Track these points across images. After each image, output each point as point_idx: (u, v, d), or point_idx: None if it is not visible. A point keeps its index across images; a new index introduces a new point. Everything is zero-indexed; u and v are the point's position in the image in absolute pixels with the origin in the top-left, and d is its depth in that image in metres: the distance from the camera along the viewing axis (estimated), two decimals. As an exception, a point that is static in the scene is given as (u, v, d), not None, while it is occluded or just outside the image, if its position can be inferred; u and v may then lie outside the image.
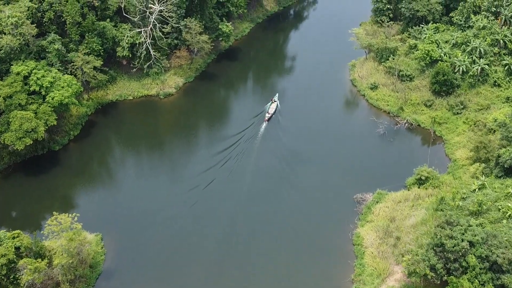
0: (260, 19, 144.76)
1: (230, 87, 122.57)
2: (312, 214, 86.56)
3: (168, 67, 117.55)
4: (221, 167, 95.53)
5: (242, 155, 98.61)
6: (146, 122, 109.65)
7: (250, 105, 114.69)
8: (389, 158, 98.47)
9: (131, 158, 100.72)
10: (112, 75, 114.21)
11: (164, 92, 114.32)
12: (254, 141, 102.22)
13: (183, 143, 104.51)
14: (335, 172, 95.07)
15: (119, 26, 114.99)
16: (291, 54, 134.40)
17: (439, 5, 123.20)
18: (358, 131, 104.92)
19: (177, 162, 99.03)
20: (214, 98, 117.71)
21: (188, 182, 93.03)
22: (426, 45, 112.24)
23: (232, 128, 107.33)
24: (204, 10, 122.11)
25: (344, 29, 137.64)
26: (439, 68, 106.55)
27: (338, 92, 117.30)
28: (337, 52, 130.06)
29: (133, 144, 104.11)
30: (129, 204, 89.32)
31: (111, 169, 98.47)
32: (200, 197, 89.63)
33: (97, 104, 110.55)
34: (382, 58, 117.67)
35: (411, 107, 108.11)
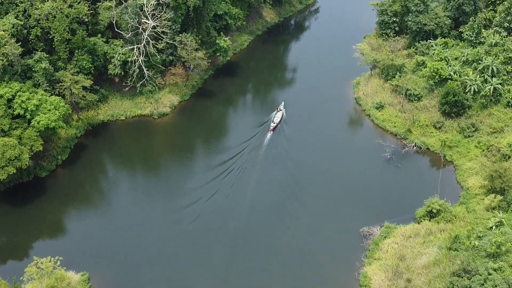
0: (259, 31, 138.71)
1: (229, 104, 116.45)
2: (315, 249, 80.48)
3: (162, 84, 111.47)
4: (215, 192, 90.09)
5: (239, 178, 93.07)
6: (140, 144, 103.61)
7: (249, 122, 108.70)
8: (397, 185, 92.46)
9: (123, 183, 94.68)
10: (103, 93, 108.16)
11: (158, 112, 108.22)
12: (256, 158, 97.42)
13: (178, 166, 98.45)
14: (339, 201, 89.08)
15: (110, 42, 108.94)
16: (292, 69, 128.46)
17: (448, 19, 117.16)
18: (364, 155, 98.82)
19: (172, 188, 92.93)
20: (211, 117, 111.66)
21: (184, 212, 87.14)
22: (434, 63, 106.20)
23: (230, 148, 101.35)
24: (201, 24, 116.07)
25: (348, 41, 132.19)
26: (449, 88, 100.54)
27: (342, 111, 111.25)
28: (340, 66, 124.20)
29: (126, 168, 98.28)
30: (121, 236, 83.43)
31: (102, 196, 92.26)
32: (197, 227, 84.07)
33: (87, 125, 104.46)
34: (388, 76, 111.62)
35: (419, 129, 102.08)
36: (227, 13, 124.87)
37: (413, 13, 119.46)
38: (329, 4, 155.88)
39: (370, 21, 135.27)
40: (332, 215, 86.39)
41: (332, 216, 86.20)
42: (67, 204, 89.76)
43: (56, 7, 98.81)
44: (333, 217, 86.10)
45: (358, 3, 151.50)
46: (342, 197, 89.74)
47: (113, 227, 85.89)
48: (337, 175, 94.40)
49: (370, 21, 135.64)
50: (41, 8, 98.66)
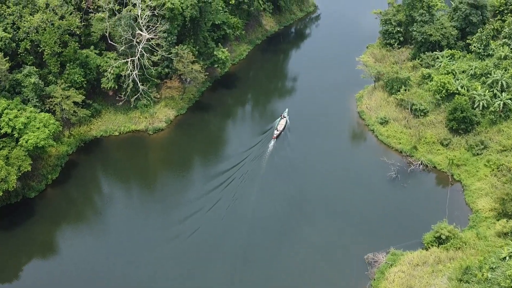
0: (259, 40, 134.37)
1: (227, 117, 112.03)
2: (317, 277, 76.22)
3: (158, 98, 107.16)
4: (212, 207, 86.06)
5: (239, 190, 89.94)
6: (134, 161, 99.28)
7: (249, 135, 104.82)
8: (403, 207, 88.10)
9: (118, 202, 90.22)
10: (96, 108, 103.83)
11: (153, 127, 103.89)
12: (259, 167, 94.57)
13: (175, 183, 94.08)
14: (343, 222, 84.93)
15: (104, 54, 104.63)
16: (293, 80, 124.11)
17: (454, 29, 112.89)
18: (368, 173, 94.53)
19: (169, 205, 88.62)
20: (209, 130, 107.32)
21: (182, 228, 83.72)
22: (441, 76, 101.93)
23: (228, 162, 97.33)
24: (198, 34, 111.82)
25: (350, 50, 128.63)
26: (457, 103, 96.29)
27: (345, 125, 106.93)
28: (342, 77, 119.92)
29: (120, 186, 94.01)
30: (117, 256, 79.50)
31: (95, 216, 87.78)
32: (195, 243, 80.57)
33: (79, 141, 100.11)
34: (392, 89, 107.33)
35: (426, 146, 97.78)
36: (225, 22, 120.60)
37: (418, 23, 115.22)
38: (330, 11, 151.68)
39: (373, 28, 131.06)
40: (335, 238, 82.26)
41: (335, 239, 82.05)
42: (58, 225, 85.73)
43: (46, 19, 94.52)
44: (336, 240, 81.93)
45: (360, 9, 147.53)
46: (346, 218, 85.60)
47: (107, 247, 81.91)
48: (341, 194, 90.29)
49: (372, 28, 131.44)
50: (30, 21, 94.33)
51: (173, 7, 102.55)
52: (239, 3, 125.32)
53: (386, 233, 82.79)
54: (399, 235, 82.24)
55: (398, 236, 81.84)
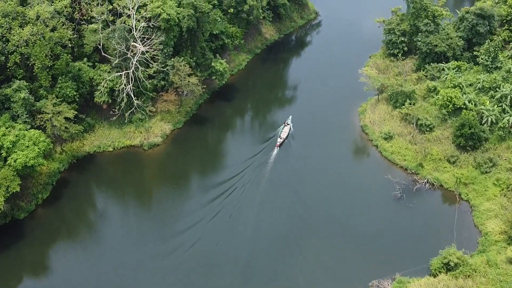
0: (258, 49, 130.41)
1: (226, 129, 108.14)
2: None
3: (153, 112, 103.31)
4: (208, 223, 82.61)
5: (240, 204, 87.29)
6: (129, 178, 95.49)
7: (248, 148, 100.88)
8: (409, 229, 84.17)
9: (111, 222, 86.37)
10: (89, 123, 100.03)
11: (148, 142, 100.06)
12: (261, 179, 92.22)
13: (172, 201, 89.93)
14: (345, 246, 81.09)
15: (97, 66, 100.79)
16: (294, 91, 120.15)
17: (460, 40, 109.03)
18: (372, 192, 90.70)
19: (165, 223, 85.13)
20: (207, 145, 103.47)
21: (179, 245, 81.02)
22: (447, 90, 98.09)
23: (226, 176, 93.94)
24: (195, 45, 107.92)
25: (352, 59, 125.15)
26: (464, 119, 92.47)
27: (347, 140, 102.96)
28: (344, 87, 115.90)
29: (114, 205, 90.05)
30: (112, 277, 76.15)
31: (87, 236, 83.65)
32: (194, 259, 77.66)
33: (71, 158, 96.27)
34: (396, 102, 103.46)
35: (432, 163, 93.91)
36: (223, 32, 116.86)
37: (423, 33, 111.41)
38: (332, 17, 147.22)
39: (376, 35, 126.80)
40: (338, 263, 78.55)
41: (338, 265, 78.32)
42: (49, 246, 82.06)
43: (36, 32, 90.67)
44: (339, 265, 78.22)
45: (362, 15, 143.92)
46: (348, 241, 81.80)
47: (102, 267, 78.35)
48: (344, 214, 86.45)
49: (375, 35, 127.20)
50: (20, 33, 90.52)
51: (169, 18, 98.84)
52: (238, 12, 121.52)
53: (391, 257, 79.05)
54: (405, 259, 78.47)
55: (404, 260, 78.08)
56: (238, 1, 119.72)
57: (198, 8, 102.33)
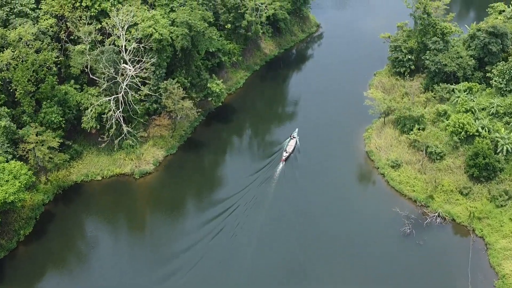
0: (257, 65, 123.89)
1: (223, 153, 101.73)
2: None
3: (145, 137, 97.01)
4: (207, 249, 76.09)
5: (241, 226, 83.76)
6: (118, 211, 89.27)
7: (246, 171, 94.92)
8: (419, 270, 77.83)
9: (100, 260, 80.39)
10: (76, 150, 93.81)
11: (139, 170, 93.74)
12: (265, 195, 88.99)
13: (164, 234, 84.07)
14: (350, 286, 75.21)
15: (85, 89, 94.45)
16: (294, 110, 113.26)
17: (471, 59, 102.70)
18: (378, 227, 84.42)
19: (160, 257, 79.92)
20: (203, 171, 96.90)
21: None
22: (459, 116, 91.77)
23: (224, 205, 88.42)
24: (190, 64, 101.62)
25: (356, 76, 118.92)
26: (478, 148, 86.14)
27: (352, 167, 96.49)
28: (349, 107, 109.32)
29: (103, 241, 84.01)
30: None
31: (73, 278, 77.78)
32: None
33: (56, 188, 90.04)
34: (404, 127, 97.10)
35: (443, 194, 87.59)
36: (220, 49, 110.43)
37: (431, 51, 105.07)
38: (334, 30, 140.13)
39: (380, 49, 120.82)
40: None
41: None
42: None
43: (17, 55, 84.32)
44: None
45: (366, 28, 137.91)
46: (354, 280, 76.15)
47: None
48: (348, 254, 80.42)
49: (379, 49, 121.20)
50: (0, 57, 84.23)
51: (161, 38, 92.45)
52: (236, 27, 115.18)
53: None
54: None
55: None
56: (236, 17, 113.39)
57: (192, 27, 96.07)
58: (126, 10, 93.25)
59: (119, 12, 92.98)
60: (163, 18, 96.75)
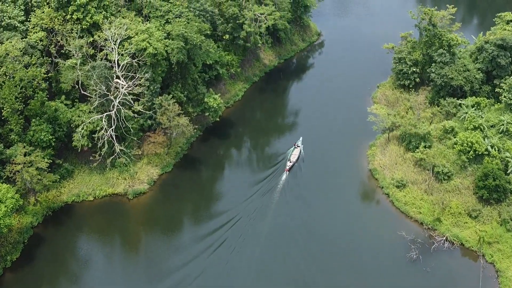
0: (256, 77, 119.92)
1: (220, 170, 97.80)
2: None
3: (140, 154, 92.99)
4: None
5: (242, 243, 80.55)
6: (111, 233, 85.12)
7: (246, 186, 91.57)
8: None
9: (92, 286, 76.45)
10: (67, 169, 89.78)
11: (133, 190, 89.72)
12: (267, 208, 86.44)
13: (159, 261, 79.88)
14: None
15: (76, 106, 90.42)
16: (295, 124, 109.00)
17: (479, 72, 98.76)
18: (383, 253, 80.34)
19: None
20: (200, 189, 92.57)
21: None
22: (467, 134, 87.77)
23: (223, 220, 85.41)
24: (186, 78, 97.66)
25: (358, 88, 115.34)
26: (488, 169, 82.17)
27: (354, 186, 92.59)
28: (351, 121, 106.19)
29: (94, 265, 79.75)
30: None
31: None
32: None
33: (46, 210, 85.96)
34: (409, 144, 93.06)
35: (451, 217, 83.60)
36: (218, 61, 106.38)
37: (437, 63, 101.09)
38: (335, 39, 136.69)
39: (382, 58, 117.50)
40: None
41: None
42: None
43: (4, 72, 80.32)
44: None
45: (368, 36, 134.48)
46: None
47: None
48: (352, 281, 76.20)
49: (382, 58, 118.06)
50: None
51: (155, 53, 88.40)
52: (234, 38, 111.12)
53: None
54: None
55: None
56: (234, 27, 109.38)
57: (189, 39, 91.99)
58: (118, 23, 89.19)
59: (112, 25, 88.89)
60: (158, 31, 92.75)
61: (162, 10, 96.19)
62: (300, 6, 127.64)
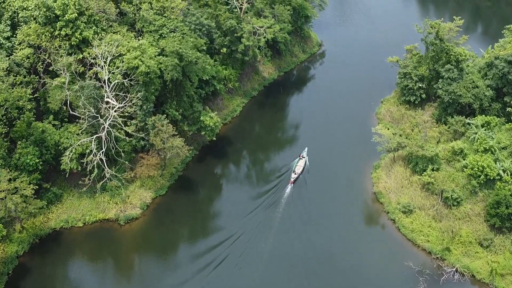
0: (255, 91, 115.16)
1: (218, 191, 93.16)
2: None
3: (132, 177, 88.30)
4: None
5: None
6: (101, 262, 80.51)
7: (244, 212, 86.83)
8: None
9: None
10: (55, 193, 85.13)
11: (125, 216, 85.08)
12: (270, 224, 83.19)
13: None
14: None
15: (65, 127, 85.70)
16: (295, 141, 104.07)
17: (489, 89, 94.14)
18: (388, 285, 75.65)
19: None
20: (196, 214, 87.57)
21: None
22: (478, 157, 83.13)
23: (221, 249, 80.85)
24: (182, 95, 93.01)
25: (361, 103, 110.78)
26: (500, 196, 77.51)
27: (358, 210, 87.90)
28: (354, 138, 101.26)
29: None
30: None
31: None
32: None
33: (33, 237, 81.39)
34: (416, 166, 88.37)
35: (461, 246, 78.98)
36: (215, 77, 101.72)
37: (444, 79, 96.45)
38: (337, 50, 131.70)
39: (385, 69, 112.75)
40: None
41: None
42: None
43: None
44: None
45: (369, 44, 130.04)
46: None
47: None
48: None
49: (384, 70, 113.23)
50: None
51: (148, 71, 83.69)
52: (232, 51, 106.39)
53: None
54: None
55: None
56: (232, 41, 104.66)
57: (184, 56, 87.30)
58: (109, 39, 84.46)
59: (102, 42, 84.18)
60: (151, 46, 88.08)
61: (156, 25, 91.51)
62: (301, 16, 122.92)
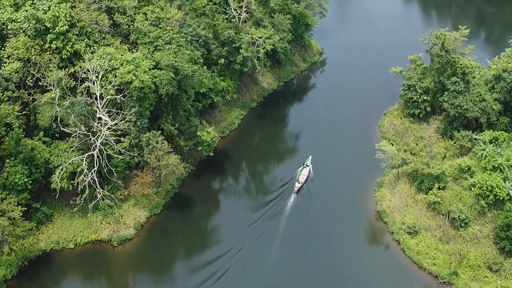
0: (254, 102, 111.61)
1: (215, 209, 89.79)
2: None
3: (126, 196, 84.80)
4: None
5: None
6: (93, 286, 77.01)
7: (242, 227, 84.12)
8: None
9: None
10: (45, 212, 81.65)
11: (118, 237, 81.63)
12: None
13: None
14: None
15: (55, 144, 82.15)
16: (296, 155, 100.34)
17: (496, 103, 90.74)
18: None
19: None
20: (192, 234, 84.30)
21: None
22: (486, 176, 79.64)
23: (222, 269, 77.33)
24: (178, 109, 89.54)
25: (363, 114, 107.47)
26: (510, 218, 74.05)
27: (361, 230, 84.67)
28: (356, 153, 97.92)
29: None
30: None
31: None
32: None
33: (22, 260, 77.99)
34: (422, 184, 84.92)
35: (469, 270, 75.52)
36: (212, 89, 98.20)
37: (450, 92, 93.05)
38: (338, 56, 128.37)
39: (388, 79, 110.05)
40: None
41: None
42: None
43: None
44: None
45: (371, 51, 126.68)
46: None
47: None
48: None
49: (387, 79, 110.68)
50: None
51: (142, 86, 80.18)
52: (230, 62, 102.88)
53: None
54: None
55: None
56: (230, 51, 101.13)
57: (179, 70, 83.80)
58: (102, 53, 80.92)
59: (94, 55, 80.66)
60: (146, 59, 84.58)
61: (150, 36, 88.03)
62: (301, 25, 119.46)
